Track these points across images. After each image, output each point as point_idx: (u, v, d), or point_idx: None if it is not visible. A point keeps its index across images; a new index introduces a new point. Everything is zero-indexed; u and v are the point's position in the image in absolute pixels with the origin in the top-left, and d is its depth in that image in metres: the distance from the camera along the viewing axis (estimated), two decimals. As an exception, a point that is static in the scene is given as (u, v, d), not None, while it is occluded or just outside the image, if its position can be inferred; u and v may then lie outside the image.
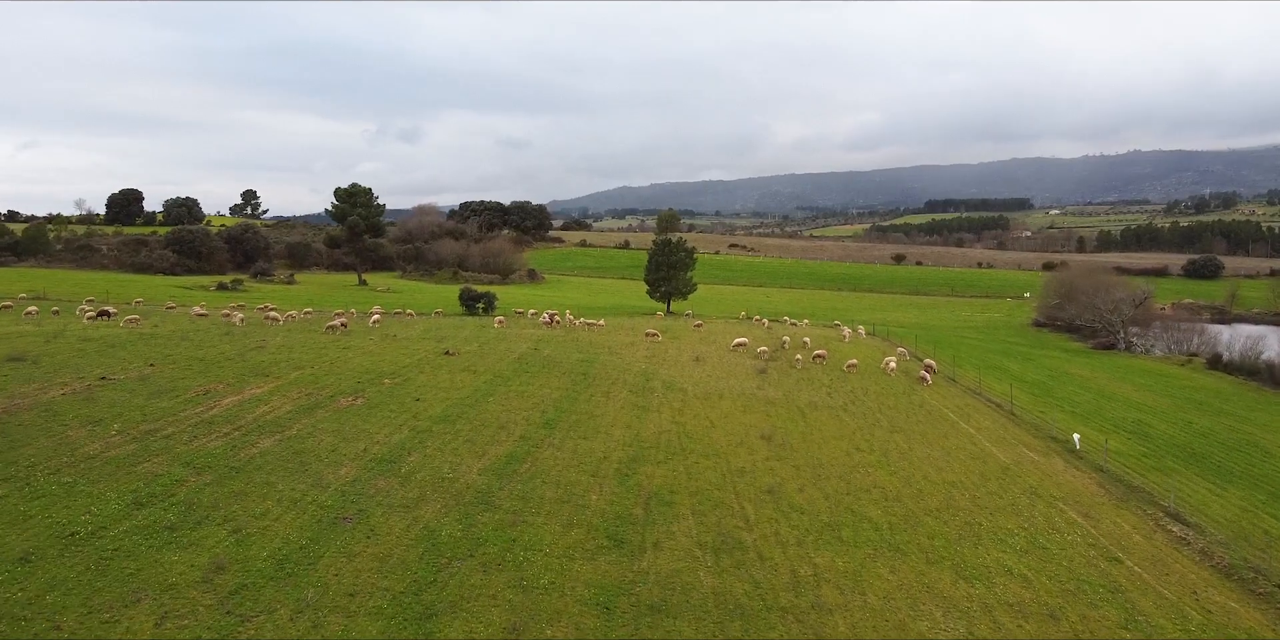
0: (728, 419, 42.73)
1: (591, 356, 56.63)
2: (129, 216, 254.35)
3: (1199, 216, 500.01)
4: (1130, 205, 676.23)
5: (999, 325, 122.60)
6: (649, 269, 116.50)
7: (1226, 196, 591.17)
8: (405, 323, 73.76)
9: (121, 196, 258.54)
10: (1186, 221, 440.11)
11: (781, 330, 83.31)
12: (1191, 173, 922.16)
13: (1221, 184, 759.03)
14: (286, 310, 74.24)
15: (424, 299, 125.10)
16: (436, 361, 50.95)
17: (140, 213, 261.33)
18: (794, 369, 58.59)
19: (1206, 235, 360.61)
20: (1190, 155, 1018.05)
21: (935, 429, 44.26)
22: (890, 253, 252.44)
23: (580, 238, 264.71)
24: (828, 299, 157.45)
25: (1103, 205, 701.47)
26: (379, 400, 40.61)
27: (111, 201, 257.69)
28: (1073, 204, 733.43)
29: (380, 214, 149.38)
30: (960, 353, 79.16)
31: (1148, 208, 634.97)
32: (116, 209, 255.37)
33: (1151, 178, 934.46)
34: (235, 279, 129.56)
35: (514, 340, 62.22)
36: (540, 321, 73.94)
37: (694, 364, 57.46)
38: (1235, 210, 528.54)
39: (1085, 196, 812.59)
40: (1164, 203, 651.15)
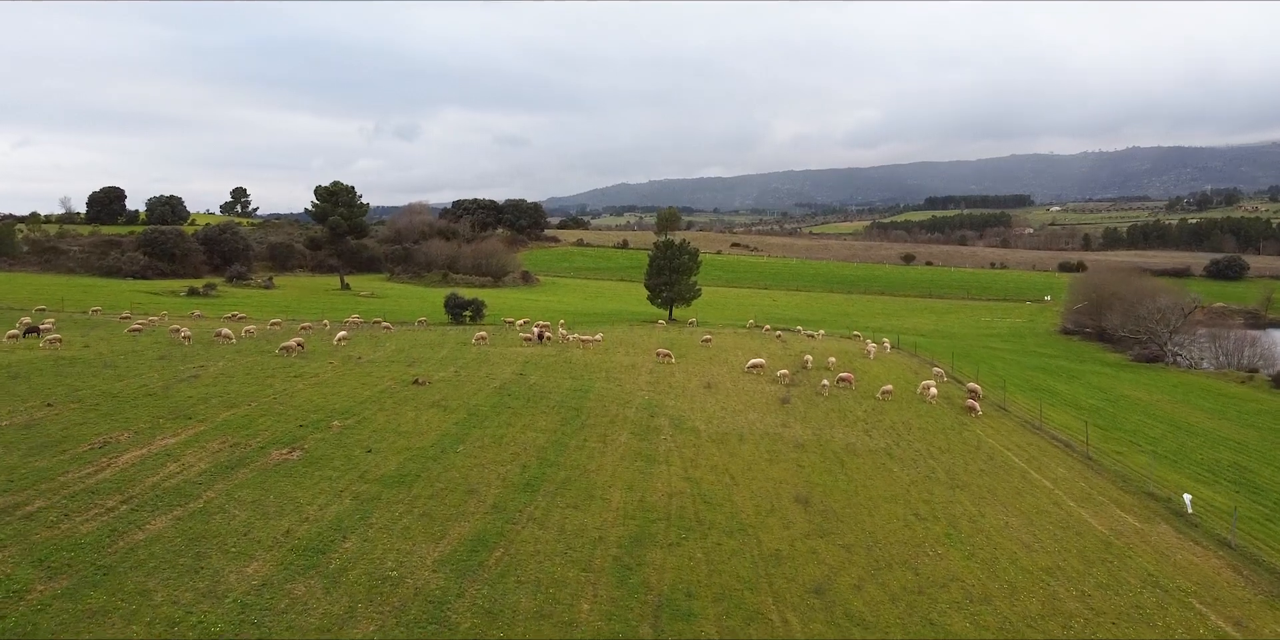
0: (752, 472, 34.76)
1: (586, 384, 48.64)
2: (110, 215, 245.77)
3: (1202, 213, 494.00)
4: (1131, 202, 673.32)
5: (1024, 332, 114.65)
6: (650, 273, 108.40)
7: (1229, 193, 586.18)
8: (376, 339, 65.72)
9: (103, 195, 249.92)
10: (1195, 219, 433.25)
11: (797, 343, 75.38)
12: (1191, 169, 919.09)
13: (1221, 180, 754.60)
14: (244, 325, 66.15)
15: (408, 305, 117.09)
16: (402, 394, 42.95)
17: (122, 211, 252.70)
18: (820, 397, 50.63)
19: (1216, 233, 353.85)
20: (1190, 152, 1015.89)
21: (1004, 482, 36.28)
22: (898, 252, 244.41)
23: (577, 237, 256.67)
24: (838, 303, 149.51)
25: (1103, 202, 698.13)
26: (321, 453, 32.61)
27: (93, 200, 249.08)
28: (1073, 201, 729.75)
29: (364, 214, 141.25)
30: (996, 369, 71.26)
31: (1149, 204, 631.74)
32: (98, 208, 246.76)
33: (1151, 174, 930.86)
34: (208, 283, 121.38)
35: (497, 362, 54.22)
36: (523, 338, 65.76)
37: (705, 392, 49.48)
38: (1238, 207, 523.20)
39: (1085, 193, 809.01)
40: (1164, 199, 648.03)
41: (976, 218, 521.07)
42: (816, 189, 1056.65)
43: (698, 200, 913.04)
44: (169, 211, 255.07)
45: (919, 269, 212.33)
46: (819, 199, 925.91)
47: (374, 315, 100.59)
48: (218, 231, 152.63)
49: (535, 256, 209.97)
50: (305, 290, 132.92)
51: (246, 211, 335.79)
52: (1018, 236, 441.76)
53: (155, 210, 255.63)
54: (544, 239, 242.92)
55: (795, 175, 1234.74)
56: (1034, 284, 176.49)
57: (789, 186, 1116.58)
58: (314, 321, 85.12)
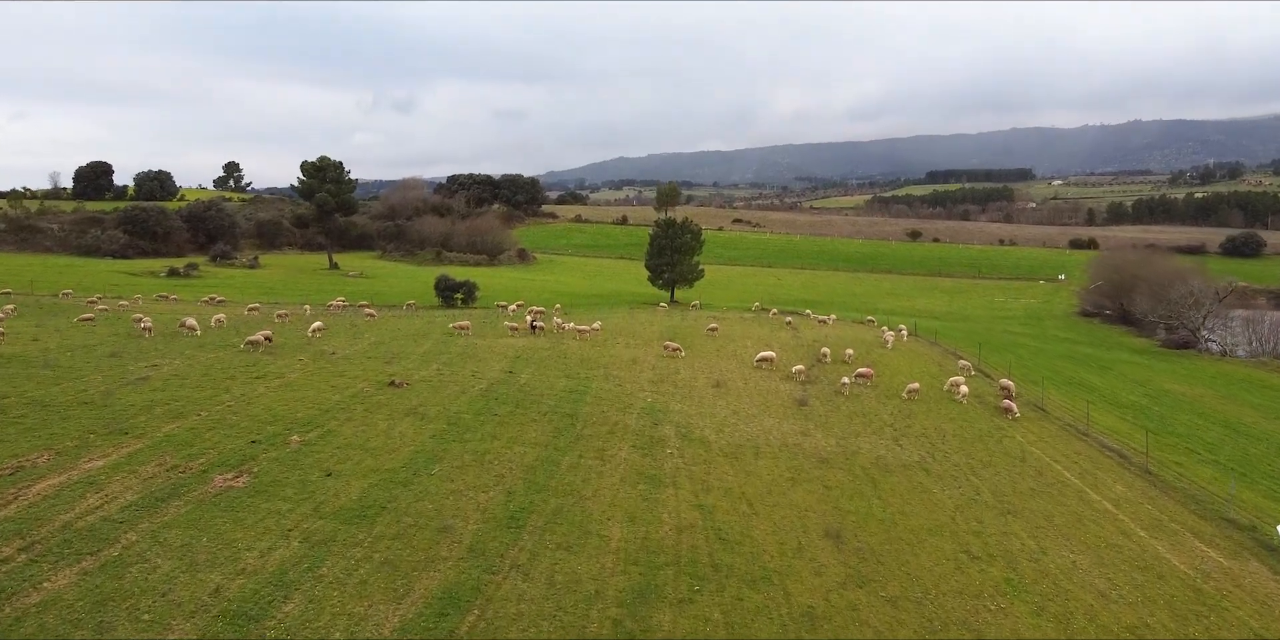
0: (772, 496, 30.14)
1: (583, 384, 43.94)
2: (98, 191, 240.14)
3: (1205, 187, 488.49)
4: (1133, 176, 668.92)
5: (1041, 314, 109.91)
6: (650, 253, 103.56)
7: (1232, 167, 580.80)
8: (356, 329, 60.90)
9: (89, 169, 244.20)
10: (1201, 193, 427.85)
11: (808, 330, 70.63)
12: (1193, 142, 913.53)
13: (1222, 154, 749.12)
14: (214, 314, 61.34)
15: (398, 286, 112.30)
16: (376, 398, 38.25)
17: (110, 187, 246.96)
18: (840, 396, 45.95)
19: (1223, 207, 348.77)
20: (1192, 125, 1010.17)
21: (1060, 505, 31.66)
22: (903, 228, 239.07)
23: (575, 212, 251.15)
24: (845, 282, 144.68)
25: (1105, 176, 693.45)
26: (272, 478, 27.96)
27: (79, 175, 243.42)
28: (1074, 174, 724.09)
29: (352, 190, 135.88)
30: (1022, 359, 66.61)
31: (1151, 178, 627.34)
32: (84, 183, 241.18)
33: (1152, 148, 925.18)
34: (190, 263, 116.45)
35: (485, 358, 49.45)
36: (509, 328, 60.76)
37: (714, 392, 44.78)
38: (1241, 181, 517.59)
39: (1087, 167, 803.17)
40: (1166, 173, 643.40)
41: (979, 192, 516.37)
42: (816, 163, 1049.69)
43: (697, 174, 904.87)
44: (157, 187, 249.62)
45: (926, 246, 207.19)
46: (818, 173, 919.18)
47: (360, 298, 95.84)
48: (202, 208, 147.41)
49: (532, 233, 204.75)
50: (292, 270, 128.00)
51: (239, 186, 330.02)
52: (1020, 211, 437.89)
53: (143, 186, 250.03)
54: (541, 215, 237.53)
55: (795, 149, 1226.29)
56: (1045, 262, 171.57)
57: (788, 160, 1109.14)
58: (295, 306, 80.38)
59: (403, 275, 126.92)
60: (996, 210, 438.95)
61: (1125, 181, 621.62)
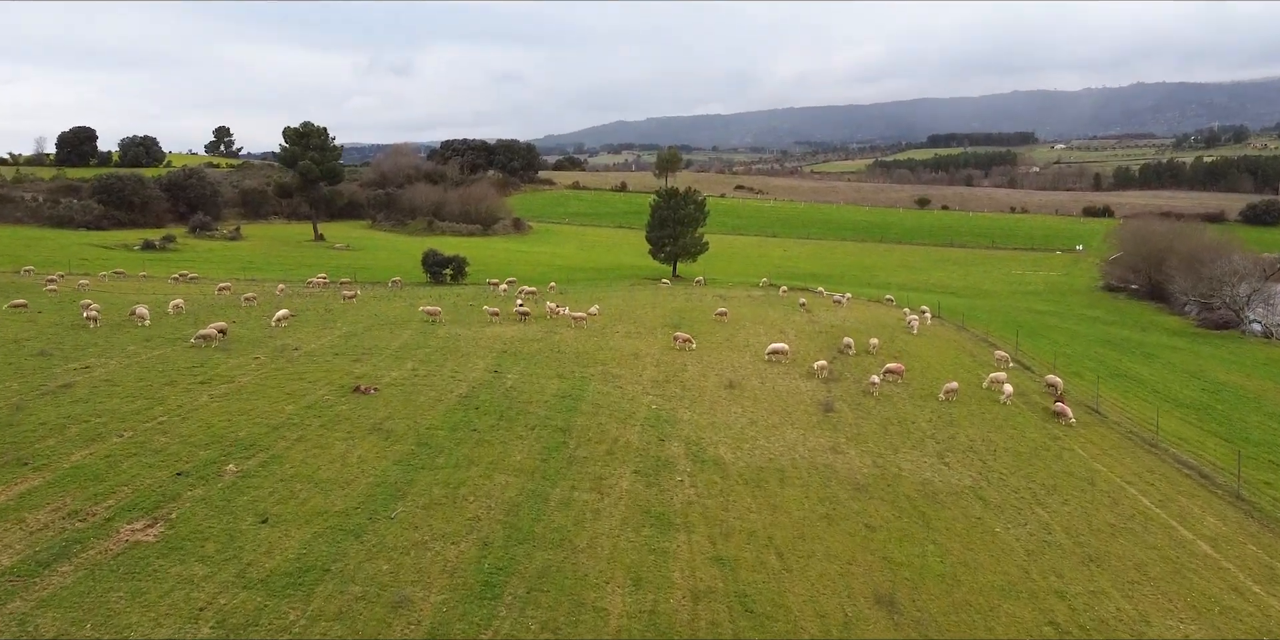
0: (805, 542, 24.89)
1: (578, 386, 38.51)
2: (81, 157, 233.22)
3: (1210, 151, 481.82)
4: (1136, 139, 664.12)
5: (1063, 289, 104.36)
6: (652, 225, 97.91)
7: (1237, 130, 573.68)
8: (328, 315, 55.26)
9: (72, 135, 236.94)
10: (1210, 157, 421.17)
11: (823, 312, 65.11)
12: (1196, 105, 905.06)
13: (1226, 117, 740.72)
14: (173, 300, 55.68)
15: (386, 260, 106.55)
16: (336, 409, 32.83)
17: (94, 153, 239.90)
18: (869, 397, 40.60)
19: (1232, 172, 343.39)
20: (1195, 88, 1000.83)
21: (1149, 549, 26.43)
22: (909, 195, 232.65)
23: (573, 179, 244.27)
24: (854, 254, 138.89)
25: (1108, 139, 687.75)
26: (193, 527, 22.66)
27: (62, 141, 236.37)
28: (1077, 138, 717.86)
29: (337, 158, 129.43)
30: (1057, 344, 61.24)
31: (1155, 142, 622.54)
32: (68, 149, 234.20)
33: (1155, 111, 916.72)
34: (167, 235, 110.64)
35: (467, 352, 43.96)
36: (489, 314, 55.06)
37: (727, 394, 39.38)
38: (1247, 145, 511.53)
39: (1089, 130, 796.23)
40: (1169, 137, 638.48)
41: (981, 156, 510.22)
42: (816, 126, 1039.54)
43: (696, 138, 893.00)
44: (143, 153, 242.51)
45: (934, 214, 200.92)
46: (818, 137, 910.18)
47: (343, 273, 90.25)
48: (183, 176, 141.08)
49: (528, 201, 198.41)
50: (275, 242, 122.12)
51: (230, 151, 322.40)
52: (1024, 175, 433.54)
53: (128, 151, 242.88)
54: (538, 182, 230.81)
55: (795, 112, 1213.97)
56: (1060, 231, 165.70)
57: (788, 124, 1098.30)
58: (272, 284, 74.74)
59: (392, 247, 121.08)
60: (1000, 175, 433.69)
61: (1129, 145, 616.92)
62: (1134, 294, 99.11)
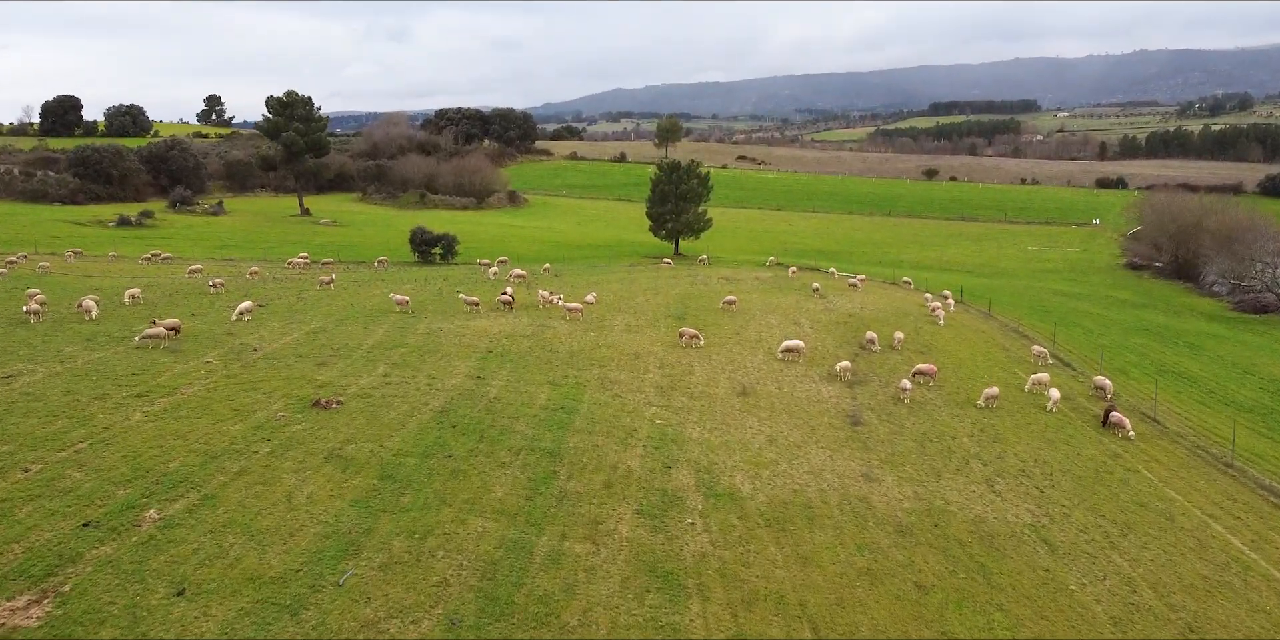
0: (844, 611, 20.43)
1: (572, 395, 33.91)
2: (66, 126, 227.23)
3: (1215, 119, 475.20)
4: (1139, 107, 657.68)
5: (1084, 267, 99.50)
6: (652, 200, 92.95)
7: (1242, 98, 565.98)
8: (299, 306, 50.46)
9: (56, 104, 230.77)
10: (1219, 125, 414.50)
11: (838, 297, 60.36)
12: (1199, 73, 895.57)
13: (1229, 84, 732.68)
14: (130, 289, 50.90)
15: (373, 236, 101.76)
16: (288, 431, 28.24)
17: (79, 122, 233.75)
18: (900, 404, 36.04)
19: (1242, 141, 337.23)
20: (1199, 55, 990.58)
21: (1257, 612, 22.04)
22: (916, 165, 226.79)
23: (571, 149, 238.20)
24: (862, 228, 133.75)
25: (1111, 107, 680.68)
26: (88, 604, 18.18)
27: (46, 110, 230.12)
28: (1079, 106, 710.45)
29: (323, 129, 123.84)
30: (1091, 334, 56.69)
31: (1159, 110, 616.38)
32: (52, 118, 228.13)
33: (1158, 78, 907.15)
34: (145, 210, 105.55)
35: (448, 351, 39.26)
36: (465, 303, 49.97)
37: (740, 404, 34.78)
38: (1252, 112, 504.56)
39: (1092, 98, 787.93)
40: (1173, 104, 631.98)
41: (984, 124, 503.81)
42: (817, 94, 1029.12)
43: (696, 106, 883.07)
44: (129, 122, 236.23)
45: (943, 185, 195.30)
46: (819, 105, 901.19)
47: (327, 252, 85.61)
48: (164, 147, 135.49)
49: (524, 172, 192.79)
50: (259, 217, 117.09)
51: (222, 120, 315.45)
52: (1027, 144, 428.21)
53: (114, 121, 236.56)
54: (534, 152, 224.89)
55: (795, 80, 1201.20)
56: (1073, 204, 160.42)
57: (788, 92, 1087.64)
58: (250, 265, 69.96)
59: (381, 222, 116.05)
60: (1003, 143, 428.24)
61: (1133, 113, 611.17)
62: (1159, 273, 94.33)
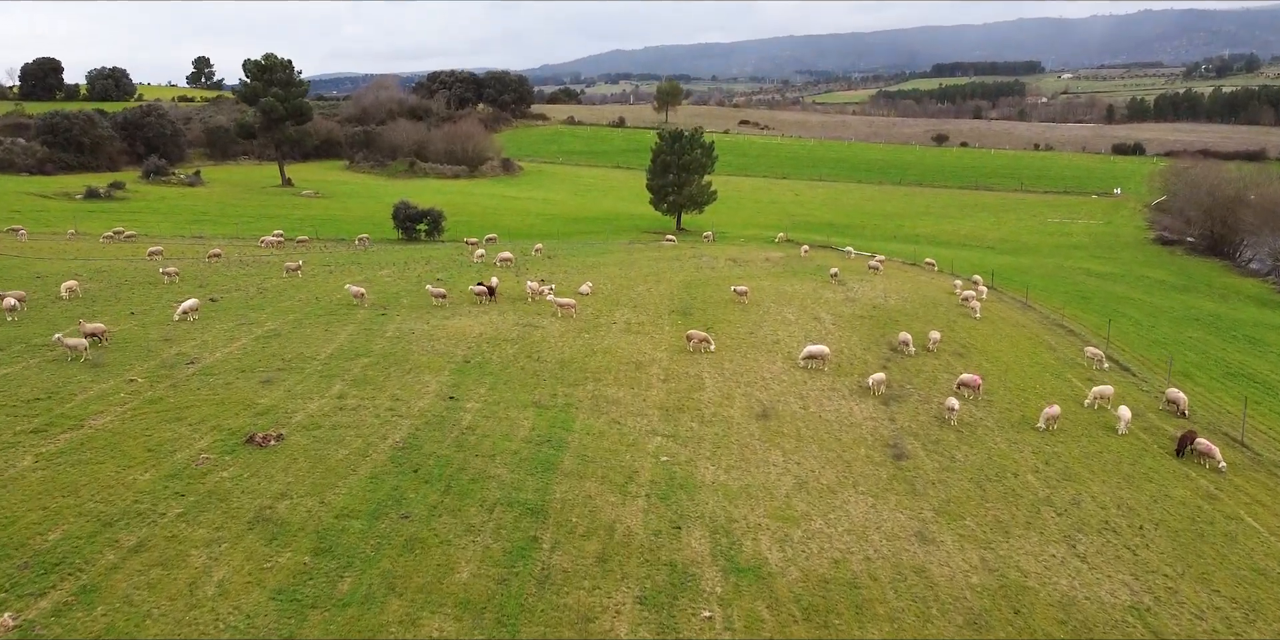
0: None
1: (562, 421, 28.54)
2: (47, 90, 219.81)
3: (1221, 80, 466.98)
4: (1144, 68, 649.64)
5: (1111, 242, 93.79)
6: (653, 172, 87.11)
7: (1249, 59, 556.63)
8: (259, 299, 44.83)
9: (36, 67, 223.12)
10: (1230, 87, 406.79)
11: (858, 283, 54.75)
12: (1204, 33, 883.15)
13: (1234, 45, 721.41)
14: (69, 280, 45.33)
15: (357, 208, 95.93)
16: (210, 480, 22.91)
17: (59, 86, 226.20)
18: (949, 427, 30.73)
19: (1253, 103, 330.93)
20: (1204, 14, 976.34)
21: None
22: (924, 130, 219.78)
23: (568, 113, 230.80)
24: (873, 199, 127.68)
25: (1116, 69, 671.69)
26: None
27: (26, 73, 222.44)
28: (1083, 67, 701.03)
29: (303, 94, 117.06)
30: (1140, 327, 51.44)
31: (1164, 71, 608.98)
32: (32, 82, 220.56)
33: (1162, 39, 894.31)
34: (115, 182, 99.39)
35: (418, 362, 33.71)
36: (433, 296, 44.21)
37: (761, 430, 29.43)
38: (1259, 74, 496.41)
39: (1096, 59, 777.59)
40: (1177, 66, 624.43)
41: (988, 87, 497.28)
42: (818, 55, 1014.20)
43: (695, 67, 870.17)
44: (111, 85, 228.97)
45: (954, 151, 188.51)
46: (820, 66, 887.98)
47: (305, 227, 79.91)
48: (140, 114, 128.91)
49: (520, 137, 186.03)
50: (238, 188, 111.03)
51: (212, 83, 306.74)
52: (1033, 107, 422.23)
53: (96, 84, 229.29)
54: (530, 116, 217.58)
55: (796, 41, 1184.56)
56: (1091, 171, 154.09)
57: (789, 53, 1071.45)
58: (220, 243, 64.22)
59: (367, 193, 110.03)
60: (1008, 106, 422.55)
61: (1138, 74, 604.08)
62: (1192, 249, 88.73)
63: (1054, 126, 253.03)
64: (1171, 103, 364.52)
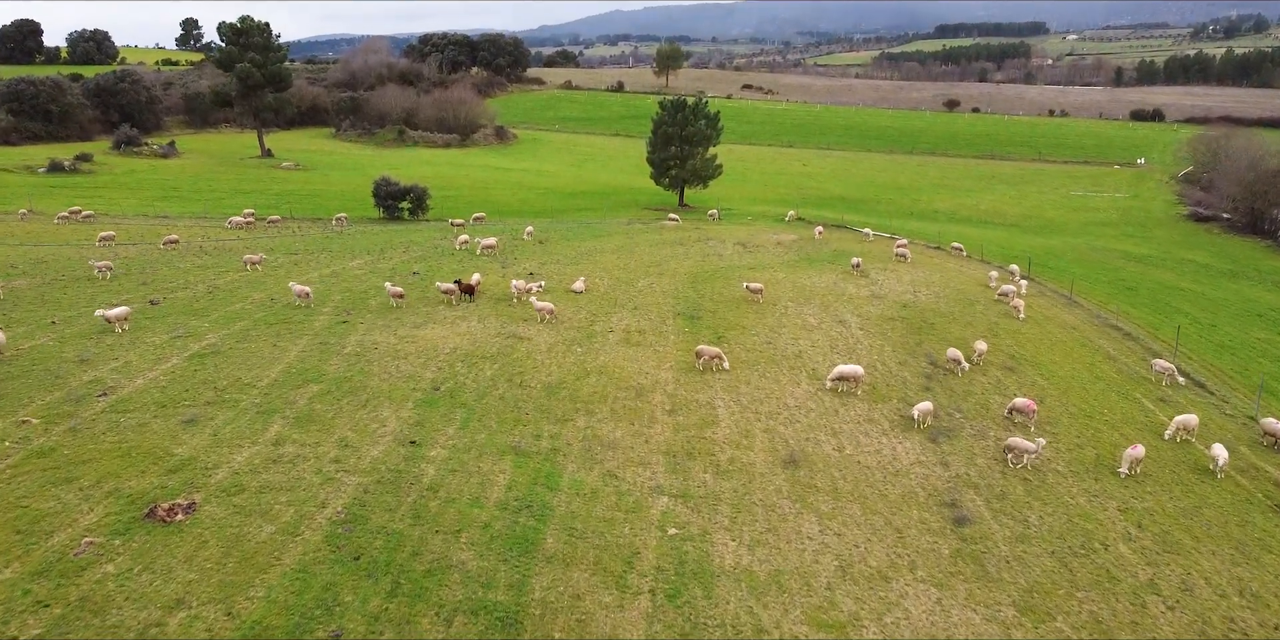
0: None
1: (546, 474, 23.28)
2: (26, 54, 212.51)
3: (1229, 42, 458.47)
4: (1151, 29, 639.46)
5: (1140, 218, 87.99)
6: (654, 144, 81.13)
7: (1258, 20, 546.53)
8: (208, 298, 39.29)
9: (15, 29, 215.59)
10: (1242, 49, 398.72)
11: (880, 271, 49.30)
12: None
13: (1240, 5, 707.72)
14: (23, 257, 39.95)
15: (339, 182, 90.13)
16: (82, 584, 17.72)
17: (39, 49, 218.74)
18: (1013, 473, 25.52)
19: (1266, 66, 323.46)
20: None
21: None
22: (933, 94, 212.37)
23: (565, 78, 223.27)
24: (885, 169, 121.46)
25: (1122, 30, 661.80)
26: None
27: (3, 36, 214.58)
28: (1088, 28, 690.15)
29: (282, 60, 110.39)
30: (1199, 325, 46.12)
31: (1170, 32, 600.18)
32: (10, 45, 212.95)
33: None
34: (82, 153, 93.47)
35: (375, 393, 28.31)
36: (391, 295, 38.59)
37: (788, 484, 24.20)
38: (1268, 35, 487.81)
39: (1101, 19, 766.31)
40: (1184, 26, 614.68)
41: (993, 48, 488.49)
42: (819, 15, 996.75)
43: (695, 28, 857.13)
44: (93, 49, 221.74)
45: (966, 118, 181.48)
46: (822, 26, 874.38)
47: (280, 206, 74.34)
48: (113, 80, 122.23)
49: (515, 103, 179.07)
50: (215, 159, 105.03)
51: (201, 46, 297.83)
52: (1039, 69, 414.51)
53: (77, 48, 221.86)
54: (526, 81, 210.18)
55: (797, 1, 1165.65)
56: (1111, 139, 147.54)
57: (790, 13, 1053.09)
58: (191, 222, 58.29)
59: (351, 164, 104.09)
60: (1014, 68, 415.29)
61: (1144, 35, 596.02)
62: (1229, 226, 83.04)
63: (1066, 90, 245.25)
64: (1182, 65, 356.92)
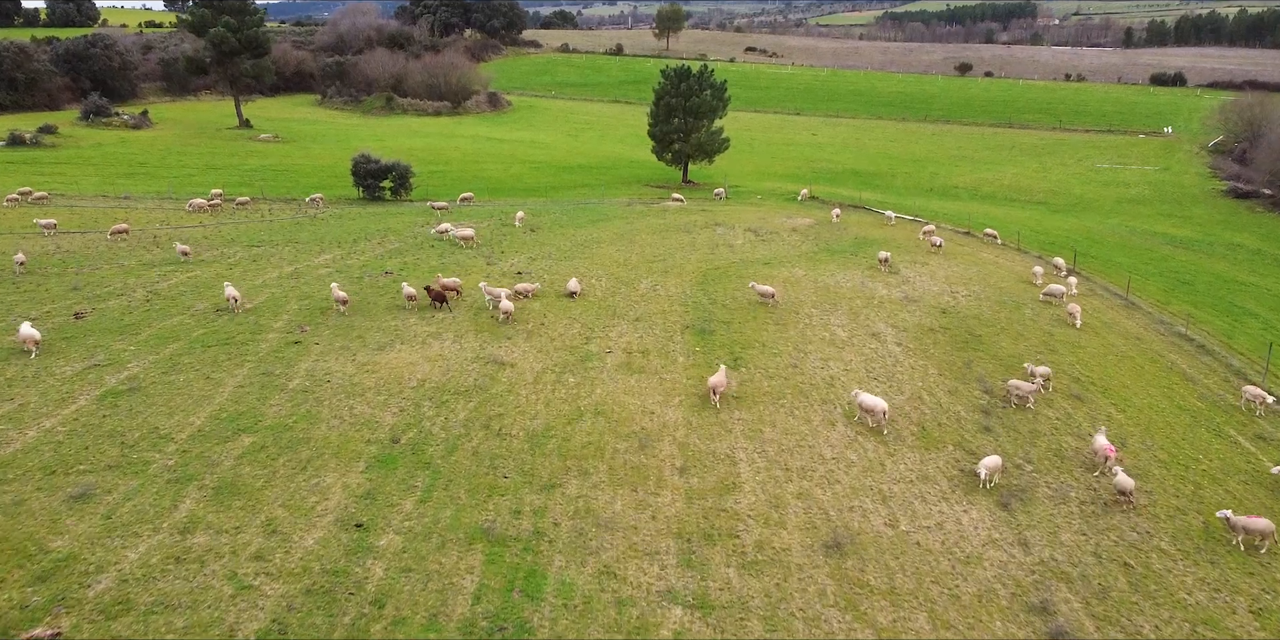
0: None
1: (525, 573, 18.23)
2: (4, 16, 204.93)
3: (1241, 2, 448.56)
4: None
5: (1175, 195, 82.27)
6: (656, 116, 75.37)
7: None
8: (144, 307, 33.90)
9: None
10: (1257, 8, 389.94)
11: (909, 265, 44.03)
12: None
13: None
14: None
15: (320, 156, 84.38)
16: None
17: (18, 11, 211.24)
18: (1111, 554, 20.47)
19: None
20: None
21: None
22: (943, 57, 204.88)
23: (562, 40, 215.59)
24: (896, 138, 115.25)
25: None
26: None
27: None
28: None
29: (259, 24, 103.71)
30: (1273, 331, 40.89)
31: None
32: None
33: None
34: (45, 124, 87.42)
35: (319, 446, 23.09)
36: (335, 298, 33.51)
37: (833, 580, 19.16)
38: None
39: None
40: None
41: (999, 8, 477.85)
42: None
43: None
44: (73, 10, 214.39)
45: (980, 83, 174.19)
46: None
47: (252, 184, 68.74)
48: (84, 44, 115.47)
49: (510, 67, 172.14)
50: (189, 130, 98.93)
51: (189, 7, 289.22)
52: (1045, 29, 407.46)
53: (56, 9, 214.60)
54: (521, 44, 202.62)
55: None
56: (1134, 107, 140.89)
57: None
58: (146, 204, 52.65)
59: (334, 135, 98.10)
60: (1020, 28, 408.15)
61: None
62: (1272, 204, 77.51)
63: (1080, 52, 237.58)
64: (1194, 25, 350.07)
